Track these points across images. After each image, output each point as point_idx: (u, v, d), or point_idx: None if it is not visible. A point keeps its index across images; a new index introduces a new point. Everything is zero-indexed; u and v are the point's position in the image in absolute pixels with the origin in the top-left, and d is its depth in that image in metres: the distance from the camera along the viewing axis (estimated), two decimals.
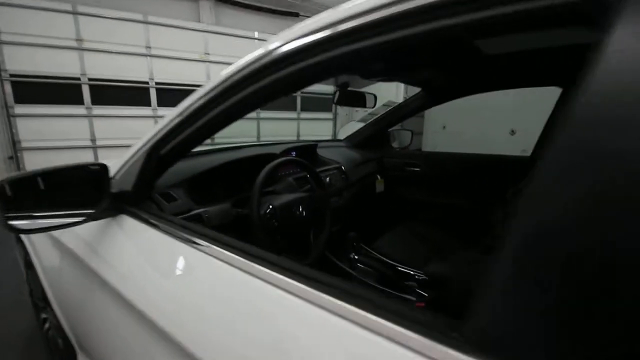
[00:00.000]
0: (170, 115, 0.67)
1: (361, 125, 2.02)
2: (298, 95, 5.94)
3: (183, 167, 1.01)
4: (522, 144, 3.09)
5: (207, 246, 0.53)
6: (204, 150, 1.29)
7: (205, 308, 0.48)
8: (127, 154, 0.77)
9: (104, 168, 0.70)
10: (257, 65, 0.52)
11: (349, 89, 1.51)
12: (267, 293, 0.42)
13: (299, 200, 1.05)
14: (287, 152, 1.42)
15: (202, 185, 1.05)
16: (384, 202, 2.01)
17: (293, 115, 6.06)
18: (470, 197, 1.74)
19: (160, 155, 0.70)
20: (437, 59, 1.05)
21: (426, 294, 1.18)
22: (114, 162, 0.79)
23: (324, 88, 6.33)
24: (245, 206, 1.01)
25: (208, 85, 0.60)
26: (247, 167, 1.21)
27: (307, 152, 1.58)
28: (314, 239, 1.16)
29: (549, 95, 1.25)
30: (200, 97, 0.61)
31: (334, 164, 1.56)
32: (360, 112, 6.16)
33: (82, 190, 0.69)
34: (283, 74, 0.50)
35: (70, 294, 0.85)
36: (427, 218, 1.81)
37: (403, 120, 1.84)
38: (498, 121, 3.77)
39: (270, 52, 0.51)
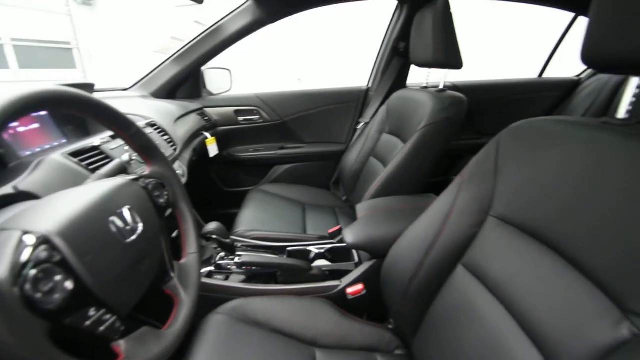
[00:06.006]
0: None
1: None
2: (8, 44, 3.79)
3: None
4: None
5: None
6: None
7: None
8: None
9: None
10: None
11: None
12: None
13: (119, 195, 0.44)
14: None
15: None
16: (223, 168, 1.53)
17: (6, 76, 3.87)
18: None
19: None
20: None
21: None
22: None
23: (52, 35, 4.31)
24: None
25: None
26: None
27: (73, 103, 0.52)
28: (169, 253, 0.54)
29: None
30: None
31: (141, 120, 0.91)
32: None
33: None
34: None
35: None
36: (280, 176, 1.53)
37: (221, 50, 1.34)
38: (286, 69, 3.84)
39: None
